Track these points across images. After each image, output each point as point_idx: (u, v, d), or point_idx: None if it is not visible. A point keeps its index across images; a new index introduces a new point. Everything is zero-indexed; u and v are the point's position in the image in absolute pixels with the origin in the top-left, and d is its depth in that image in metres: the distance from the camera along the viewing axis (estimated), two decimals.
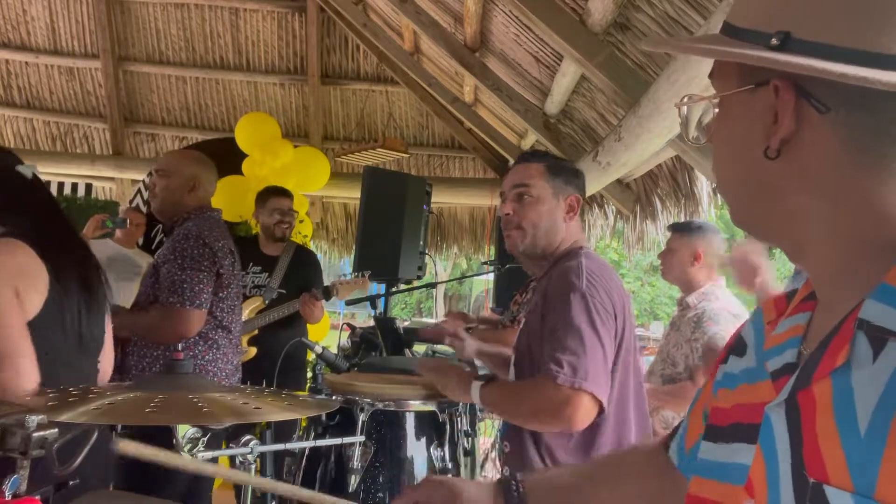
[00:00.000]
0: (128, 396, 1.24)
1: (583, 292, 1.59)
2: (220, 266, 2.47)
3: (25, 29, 6.14)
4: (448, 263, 13.85)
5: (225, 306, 2.55)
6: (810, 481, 0.56)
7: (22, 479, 1.09)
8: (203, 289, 2.38)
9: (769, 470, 0.62)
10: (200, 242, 2.42)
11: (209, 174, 2.69)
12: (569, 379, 1.51)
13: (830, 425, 0.56)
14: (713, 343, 2.53)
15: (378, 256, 3.77)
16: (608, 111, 3.38)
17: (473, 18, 3.69)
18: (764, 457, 0.63)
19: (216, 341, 2.51)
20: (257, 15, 5.95)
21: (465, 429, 1.93)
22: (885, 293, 0.56)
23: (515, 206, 1.78)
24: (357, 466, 1.71)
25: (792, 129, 0.61)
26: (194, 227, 2.47)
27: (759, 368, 0.70)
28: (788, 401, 0.61)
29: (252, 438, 1.39)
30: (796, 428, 0.59)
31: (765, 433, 0.63)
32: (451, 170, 6.42)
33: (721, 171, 0.71)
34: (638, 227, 4.01)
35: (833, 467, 0.55)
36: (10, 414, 1.09)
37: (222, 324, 2.54)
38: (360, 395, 1.78)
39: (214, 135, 6.07)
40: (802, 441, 0.58)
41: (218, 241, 2.49)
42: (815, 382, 0.59)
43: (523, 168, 1.82)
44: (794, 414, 0.60)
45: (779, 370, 0.66)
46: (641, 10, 2.39)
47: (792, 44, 0.59)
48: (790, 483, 0.59)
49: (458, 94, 5.34)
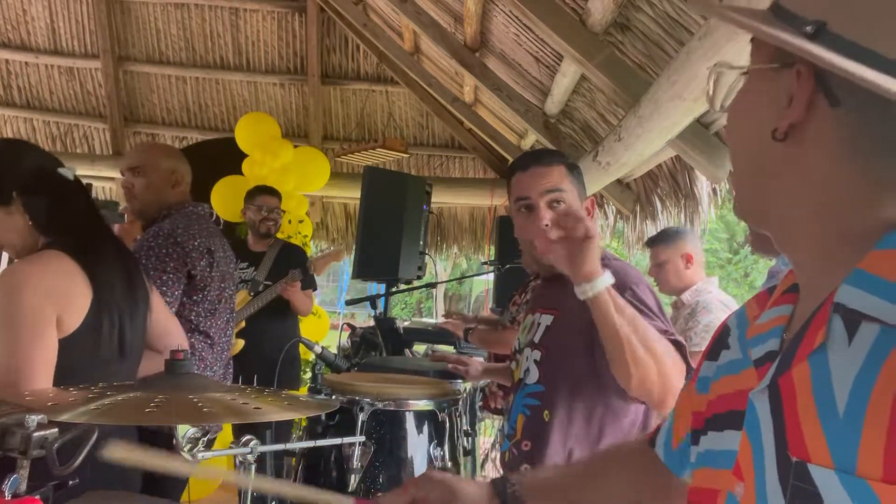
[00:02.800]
0: (127, 396, 1.24)
1: (645, 283, 1.59)
2: (193, 266, 2.30)
3: (25, 29, 6.14)
4: (448, 263, 13.84)
5: (201, 309, 2.38)
6: (793, 460, 0.58)
7: (22, 479, 1.09)
8: (166, 291, 2.20)
9: (755, 453, 0.64)
10: (171, 241, 2.26)
11: (185, 165, 2.49)
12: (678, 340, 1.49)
13: (810, 406, 0.58)
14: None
15: (378, 256, 3.77)
16: (608, 111, 3.38)
17: (473, 18, 3.69)
18: (750, 441, 0.65)
19: (194, 347, 2.34)
20: (257, 15, 5.96)
21: (465, 428, 1.93)
22: (860, 278, 0.58)
23: (552, 215, 1.63)
24: (357, 466, 1.71)
25: (803, 115, 0.63)
26: (168, 224, 2.31)
27: (743, 358, 0.73)
28: (771, 386, 0.63)
29: (252, 438, 1.39)
30: (779, 411, 0.61)
31: (750, 418, 0.65)
32: (451, 170, 6.42)
33: (733, 142, 0.73)
34: (638, 227, 4.01)
35: (814, 446, 0.57)
36: (10, 414, 1.09)
37: (198, 328, 2.37)
38: (360, 394, 1.78)
39: (214, 135, 6.08)
40: (785, 424, 0.60)
41: (194, 238, 2.32)
42: (795, 366, 0.61)
43: (546, 171, 1.68)
44: (776, 398, 0.62)
45: (762, 358, 0.68)
46: (641, 10, 2.39)
47: (824, 35, 0.59)
48: (774, 465, 0.61)
49: (458, 94, 5.34)
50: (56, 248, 1.64)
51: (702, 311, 2.70)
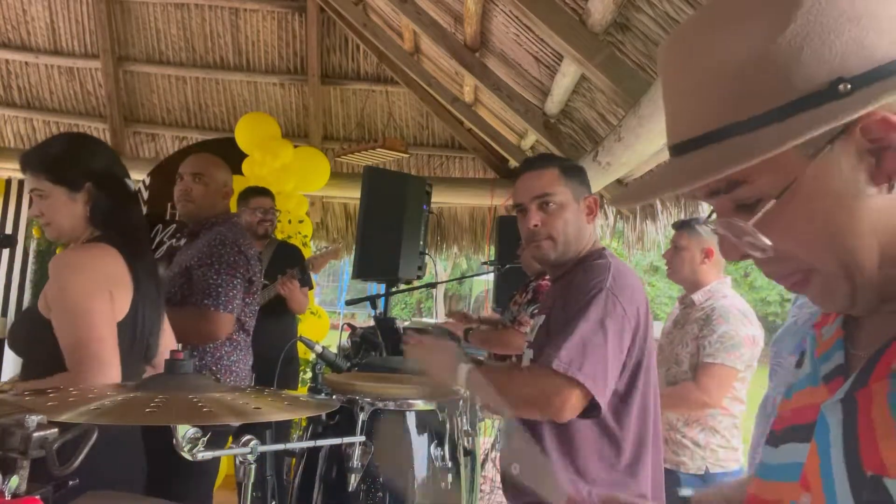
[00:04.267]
0: (128, 396, 1.24)
1: (607, 292, 1.59)
2: (252, 273, 2.55)
3: (25, 29, 6.14)
4: (448, 263, 13.86)
5: (249, 311, 2.63)
6: (868, 475, 0.58)
7: (21, 479, 1.09)
8: (236, 294, 2.43)
9: (823, 464, 0.64)
10: (236, 249, 2.47)
11: (231, 180, 2.78)
12: (563, 366, 1.50)
13: (888, 421, 0.58)
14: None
15: (378, 256, 3.77)
16: (608, 111, 3.38)
17: (473, 18, 3.69)
18: (819, 452, 0.65)
19: (239, 343, 2.60)
20: (257, 15, 5.96)
21: (465, 428, 1.93)
22: None
23: (542, 216, 1.74)
24: (357, 466, 1.71)
25: None
26: (229, 233, 2.52)
27: (814, 374, 0.73)
28: (845, 399, 0.63)
29: (252, 438, 1.39)
30: (852, 425, 0.62)
31: (820, 430, 0.65)
32: (451, 170, 6.42)
33: (811, 243, 0.63)
34: (638, 227, 4.02)
35: (891, 461, 0.57)
36: (9, 414, 1.09)
37: (244, 327, 2.62)
38: (360, 394, 1.78)
39: (214, 135, 6.08)
40: (859, 437, 0.60)
41: (250, 247, 2.57)
42: (874, 382, 0.61)
43: (537, 175, 1.77)
44: (851, 411, 0.62)
45: (830, 373, 0.68)
46: (641, 10, 2.40)
47: (857, 80, 0.57)
48: (845, 477, 0.61)
49: (458, 94, 5.34)
50: (105, 242, 1.73)
51: (718, 320, 2.56)
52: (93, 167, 1.79)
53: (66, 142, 1.83)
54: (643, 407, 1.66)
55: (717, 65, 0.62)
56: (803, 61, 0.58)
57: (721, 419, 2.58)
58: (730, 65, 0.61)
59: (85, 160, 1.79)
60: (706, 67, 0.63)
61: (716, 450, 2.57)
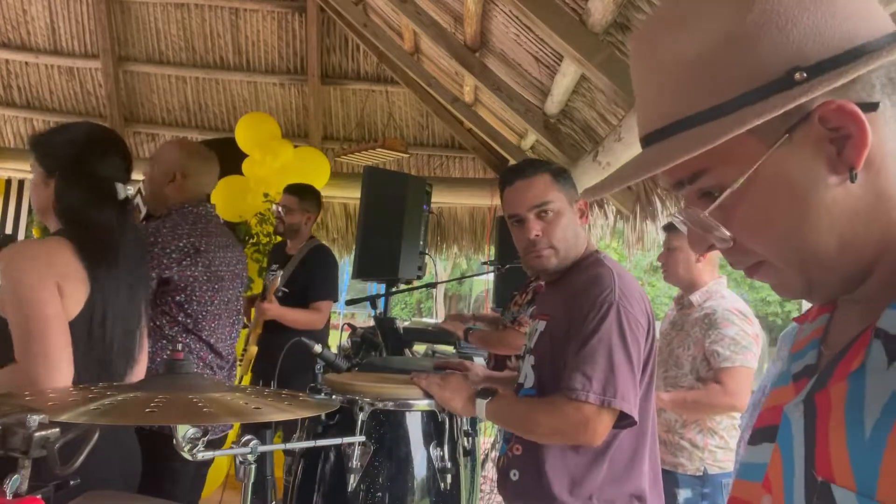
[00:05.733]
0: (128, 396, 1.24)
1: (618, 306, 1.58)
2: (166, 268, 2.24)
3: (25, 29, 6.14)
4: (448, 263, 13.85)
5: (191, 310, 2.32)
6: (818, 480, 0.57)
7: (23, 479, 1.09)
8: None
9: (785, 467, 0.63)
10: (149, 241, 2.21)
11: (199, 165, 2.43)
12: (599, 397, 1.50)
13: (840, 426, 0.57)
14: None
15: (378, 256, 3.77)
16: (608, 111, 3.38)
17: (473, 18, 3.69)
18: (781, 455, 0.64)
19: (187, 344, 2.32)
20: (257, 15, 5.96)
21: (465, 428, 1.93)
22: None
23: (542, 225, 1.72)
24: (357, 466, 1.71)
25: (872, 138, 0.57)
26: (153, 226, 2.28)
27: (787, 372, 0.72)
28: (806, 401, 0.62)
29: (252, 438, 1.40)
30: (811, 428, 0.60)
31: (783, 432, 0.65)
32: (451, 170, 6.42)
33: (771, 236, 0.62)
34: (638, 227, 4.01)
35: (839, 467, 0.56)
36: (11, 413, 1.09)
37: (187, 328, 2.33)
38: (360, 394, 1.78)
39: (214, 135, 6.08)
40: (815, 441, 0.59)
41: (179, 239, 2.27)
42: (832, 385, 0.60)
43: (529, 184, 1.74)
44: (810, 414, 0.61)
45: (800, 372, 0.68)
46: (641, 10, 2.40)
47: (813, 69, 0.57)
48: (802, 482, 0.60)
49: (458, 94, 5.34)
50: (63, 237, 1.70)
51: (724, 323, 2.55)
52: (63, 157, 1.75)
53: (73, 128, 1.83)
54: (643, 407, 1.67)
55: (679, 57, 0.63)
56: (761, 51, 0.59)
57: (720, 420, 2.58)
58: (691, 56, 0.62)
59: (61, 148, 1.76)
60: (668, 60, 0.64)
61: (714, 451, 2.57)
